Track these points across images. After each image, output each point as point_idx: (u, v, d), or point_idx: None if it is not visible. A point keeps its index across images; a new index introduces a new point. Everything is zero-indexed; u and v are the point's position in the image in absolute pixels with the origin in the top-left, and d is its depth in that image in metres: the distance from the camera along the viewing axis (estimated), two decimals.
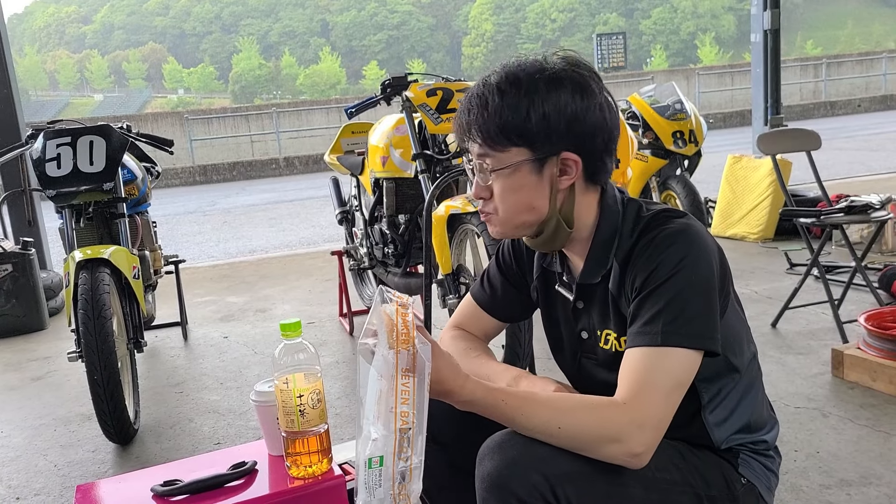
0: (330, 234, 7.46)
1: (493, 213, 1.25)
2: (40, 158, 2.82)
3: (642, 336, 1.14)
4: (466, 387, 1.12)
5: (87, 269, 2.58)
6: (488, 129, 1.18)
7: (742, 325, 1.29)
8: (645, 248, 1.19)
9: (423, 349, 1.07)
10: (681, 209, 1.31)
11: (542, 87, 1.17)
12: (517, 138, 1.18)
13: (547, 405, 1.12)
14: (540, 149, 1.19)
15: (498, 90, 1.18)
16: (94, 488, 1.38)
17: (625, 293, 1.22)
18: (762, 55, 6.38)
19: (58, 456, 2.67)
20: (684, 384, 1.14)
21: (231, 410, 2.95)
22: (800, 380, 2.76)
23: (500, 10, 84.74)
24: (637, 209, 1.27)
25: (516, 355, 2.65)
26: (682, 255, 1.15)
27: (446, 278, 2.88)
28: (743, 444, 1.28)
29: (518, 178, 1.20)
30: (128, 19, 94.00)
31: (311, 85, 71.48)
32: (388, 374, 1.05)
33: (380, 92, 3.17)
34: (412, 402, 1.05)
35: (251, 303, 4.67)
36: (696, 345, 1.13)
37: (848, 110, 19.43)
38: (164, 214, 10.19)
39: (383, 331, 1.07)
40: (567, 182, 1.22)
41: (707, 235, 1.20)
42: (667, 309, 1.13)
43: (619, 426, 1.09)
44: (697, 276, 1.15)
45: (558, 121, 1.17)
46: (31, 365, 3.79)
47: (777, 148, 3.46)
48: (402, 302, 1.10)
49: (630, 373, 1.13)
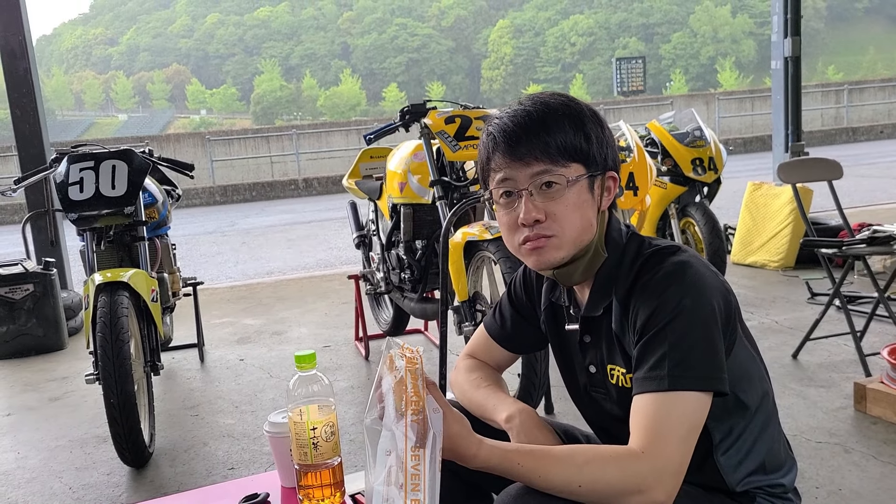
0: (347, 257, 7.48)
1: (554, 236, 1.21)
2: (63, 182, 2.85)
3: (649, 381, 1.13)
4: (480, 454, 1.11)
5: (106, 292, 2.60)
6: (551, 145, 1.19)
7: (752, 362, 1.26)
8: (644, 289, 1.18)
9: (435, 418, 1.05)
10: (699, 236, 1.30)
11: (588, 112, 1.24)
12: (577, 155, 1.21)
13: (564, 462, 1.10)
14: (593, 166, 1.22)
15: (553, 111, 1.21)
16: None
17: (627, 332, 1.21)
18: (783, 82, 6.35)
19: (73, 478, 2.68)
20: (697, 427, 1.12)
21: (245, 435, 2.94)
22: (821, 413, 2.71)
23: (520, 33, 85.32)
24: (639, 244, 1.26)
25: (532, 384, 2.63)
26: (681, 296, 1.14)
27: (462, 305, 2.88)
28: (759, 486, 1.25)
29: (580, 195, 1.21)
30: (153, 41, 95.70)
31: (332, 106, 72.17)
32: (398, 451, 1.03)
33: (398, 118, 3.19)
34: (423, 486, 1.02)
35: (268, 325, 4.68)
36: (704, 387, 1.11)
37: (870, 136, 19.27)
38: (183, 234, 10.28)
39: (391, 398, 1.05)
40: (607, 202, 1.26)
41: (707, 272, 1.19)
42: (671, 353, 1.12)
43: (640, 477, 1.07)
44: (698, 317, 1.14)
45: (604, 142, 1.24)
46: (49, 385, 3.81)
47: (798, 177, 3.43)
48: (412, 357, 1.07)
49: (643, 420, 1.11)
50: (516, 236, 1.24)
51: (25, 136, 5.25)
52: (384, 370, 1.10)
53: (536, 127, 1.20)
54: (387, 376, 1.08)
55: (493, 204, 1.28)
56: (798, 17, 6.17)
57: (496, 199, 1.26)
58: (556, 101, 1.23)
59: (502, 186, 1.23)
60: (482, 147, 1.27)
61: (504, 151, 1.21)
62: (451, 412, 1.11)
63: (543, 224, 1.21)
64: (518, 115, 1.22)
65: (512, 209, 1.23)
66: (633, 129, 4.30)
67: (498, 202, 1.26)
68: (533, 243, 1.22)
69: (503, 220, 1.26)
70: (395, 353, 1.10)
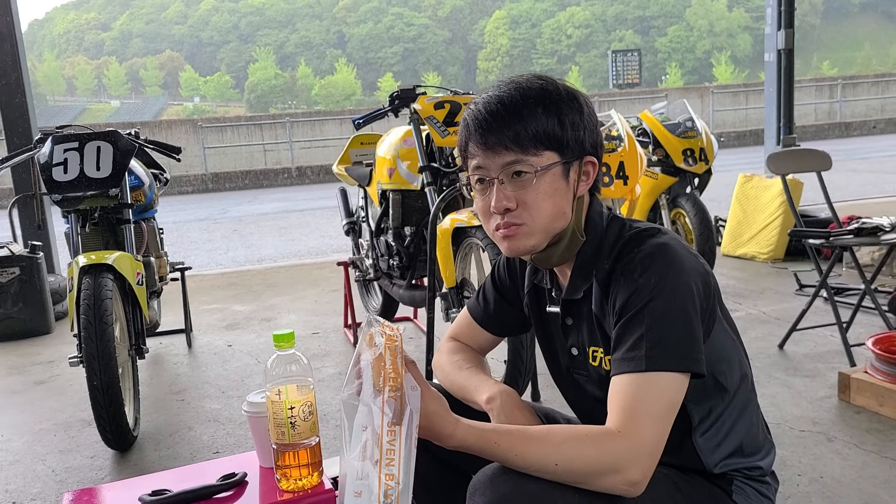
0: (339, 245, 7.46)
1: (524, 224, 1.21)
2: (47, 163, 2.83)
3: (626, 363, 1.12)
4: (457, 433, 1.11)
5: (90, 274, 2.58)
6: (521, 134, 1.18)
7: (732, 344, 1.26)
8: (623, 271, 1.18)
9: (413, 396, 1.05)
10: (689, 227, 1.29)
11: (566, 96, 1.21)
12: (550, 142, 1.19)
13: (541, 441, 1.10)
14: (568, 153, 1.21)
15: (530, 98, 1.19)
16: (83, 496, 1.37)
17: (607, 314, 1.21)
18: (776, 75, 6.35)
19: (56, 461, 2.66)
20: (674, 408, 1.12)
21: (231, 420, 2.93)
22: (806, 403, 2.72)
23: (517, 25, 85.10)
24: (620, 227, 1.26)
25: (518, 371, 2.63)
26: (659, 278, 1.14)
27: (450, 291, 2.87)
28: (737, 469, 1.25)
29: (552, 183, 1.20)
30: (146, 27, 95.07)
31: (326, 96, 71.91)
32: (374, 427, 1.03)
33: (388, 104, 3.18)
34: (398, 462, 1.02)
35: (257, 312, 4.67)
36: (681, 367, 1.11)
37: (863, 132, 19.33)
38: (174, 221, 10.24)
39: (370, 373, 1.05)
40: (585, 187, 1.25)
41: (686, 254, 1.18)
42: (648, 334, 1.12)
43: (616, 456, 1.07)
44: (676, 298, 1.13)
45: (581, 126, 1.22)
46: (34, 369, 3.79)
47: (787, 168, 3.43)
48: (391, 335, 1.07)
49: (619, 400, 1.11)
50: (490, 222, 1.25)
51: (13, 120, 5.21)
52: (363, 346, 1.09)
53: (508, 115, 1.19)
54: (366, 352, 1.08)
55: (471, 190, 1.28)
56: (792, 9, 6.17)
57: (472, 184, 1.26)
58: (531, 85, 1.21)
59: (476, 173, 1.24)
60: (460, 133, 1.27)
61: (477, 140, 1.21)
62: (429, 390, 1.11)
63: (514, 212, 1.21)
64: (491, 103, 1.20)
65: (485, 195, 1.24)
66: (626, 119, 4.29)
67: (474, 188, 1.26)
68: (504, 231, 1.23)
69: (479, 205, 1.26)
70: (375, 330, 1.09)
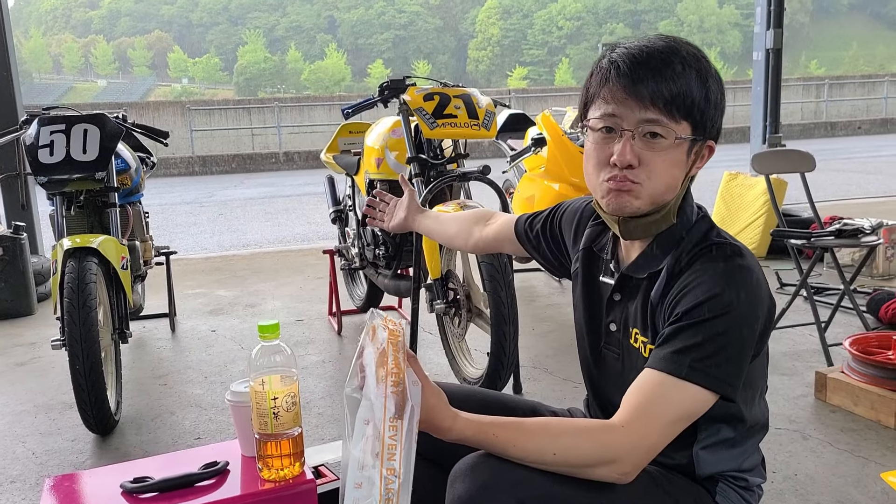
0: (325, 232, 7.45)
1: (639, 185, 1.16)
2: (33, 145, 2.81)
3: (667, 362, 1.11)
4: (456, 427, 1.12)
5: (74, 257, 2.57)
6: (672, 95, 1.13)
7: (762, 380, 1.26)
8: (702, 274, 1.15)
9: (414, 390, 1.06)
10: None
11: (714, 72, 1.17)
12: (692, 113, 1.15)
13: (539, 433, 1.11)
14: (700, 131, 1.17)
15: (687, 62, 1.14)
16: (64, 481, 1.37)
17: (664, 307, 1.19)
18: (763, 74, 6.39)
19: (36, 444, 2.66)
20: (688, 420, 1.13)
21: (213, 405, 2.94)
22: (782, 401, 2.76)
23: (508, 14, 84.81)
24: (708, 228, 1.23)
25: (501, 364, 2.65)
26: (736, 300, 1.12)
27: (435, 283, 2.88)
28: (723, 472, 1.26)
29: (678, 154, 1.17)
30: (135, 6, 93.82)
31: (316, 81, 71.44)
32: (375, 421, 1.04)
33: (377, 93, 3.17)
34: (399, 456, 1.04)
35: (241, 297, 4.66)
36: (716, 387, 1.11)
37: (848, 132, 19.47)
38: (160, 204, 10.17)
39: (372, 368, 1.06)
40: (697, 169, 1.22)
41: (764, 284, 1.17)
42: (702, 345, 1.10)
43: (615, 450, 1.09)
44: (742, 325, 1.12)
45: (717, 107, 1.18)
46: (16, 350, 3.78)
47: (771, 168, 3.47)
48: (394, 329, 1.08)
49: (638, 395, 1.12)
50: (602, 173, 1.19)
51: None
52: (366, 341, 1.10)
53: (665, 69, 1.12)
54: (369, 347, 1.09)
55: (587, 131, 1.22)
56: (781, 9, 6.21)
57: (593, 129, 1.20)
58: (688, 50, 1.16)
59: (606, 121, 1.17)
60: (597, 72, 1.19)
61: (623, 84, 1.14)
62: (430, 385, 1.12)
63: (634, 170, 1.16)
64: (650, 50, 1.14)
65: (607, 145, 1.17)
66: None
67: (594, 133, 1.20)
68: (617, 184, 1.17)
69: (592, 154, 1.20)
70: (378, 324, 1.10)
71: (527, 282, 4.70)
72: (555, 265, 1.52)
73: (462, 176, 2.93)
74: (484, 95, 3.12)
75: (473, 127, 2.93)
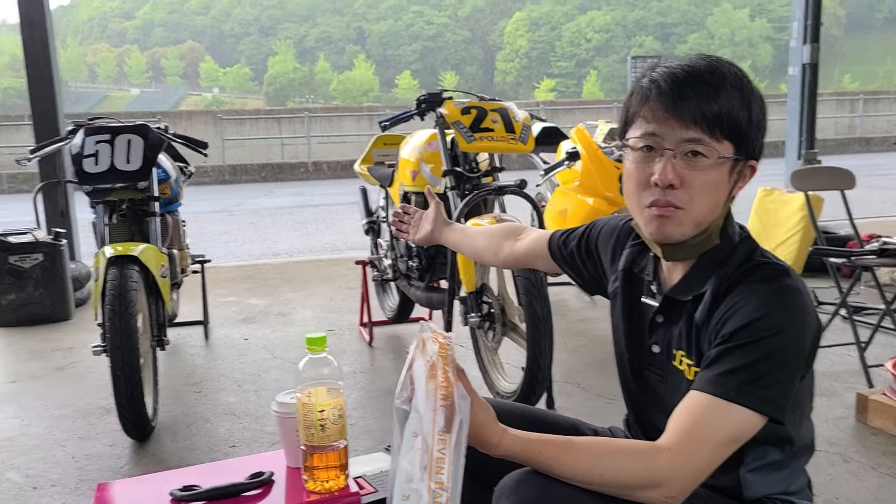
0: (354, 242, 7.49)
1: (683, 209, 1.16)
2: (79, 154, 2.87)
3: (714, 385, 1.10)
4: (503, 443, 1.11)
5: (116, 265, 2.62)
6: (715, 115, 1.13)
7: (809, 400, 1.25)
8: (748, 295, 1.14)
9: (463, 405, 1.06)
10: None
11: (756, 92, 1.18)
12: (734, 132, 1.15)
13: (586, 452, 1.11)
14: (742, 150, 1.17)
15: (730, 82, 1.15)
16: (114, 487, 1.39)
17: (709, 329, 1.18)
18: (799, 89, 6.33)
19: (76, 448, 2.70)
20: (737, 443, 1.11)
21: (248, 414, 2.96)
22: (822, 422, 2.72)
23: (536, 27, 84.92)
24: (752, 249, 1.22)
25: (536, 379, 2.64)
26: (785, 321, 1.11)
27: (469, 296, 2.89)
28: (770, 495, 1.24)
29: (720, 174, 1.16)
30: (169, 17, 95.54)
31: (344, 91, 72.03)
32: (424, 434, 1.05)
33: (414, 106, 3.19)
34: (447, 470, 1.04)
35: (272, 306, 4.70)
36: (765, 410, 1.10)
37: (884, 147, 19.15)
38: (192, 212, 10.25)
39: (422, 381, 1.06)
40: (738, 190, 1.21)
41: (811, 306, 1.15)
42: (749, 368, 1.09)
43: (663, 473, 1.08)
44: (792, 346, 1.11)
45: (759, 127, 1.18)
46: (54, 354, 3.84)
47: (810, 185, 3.43)
48: (444, 343, 1.09)
49: (686, 418, 1.11)
50: (644, 196, 1.18)
51: (41, 106, 5.27)
52: (417, 353, 1.11)
53: (708, 88, 1.13)
54: (419, 360, 1.10)
55: (627, 151, 1.21)
56: (818, 23, 6.14)
57: (633, 148, 1.19)
58: (730, 70, 1.16)
59: (647, 140, 1.17)
60: (637, 92, 1.19)
61: (665, 104, 1.14)
62: (479, 400, 1.12)
63: (676, 191, 1.15)
64: (692, 69, 1.14)
65: (647, 165, 1.17)
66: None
67: (634, 153, 1.19)
68: (660, 210, 1.17)
69: (633, 174, 1.20)
70: (428, 337, 1.11)
71: (558, 296, 4.68)
72: (589, 283, 1.51)
73: (498, 190, 2.94)
74: (521, 109, 3.12)
75: (511, 141, 2.94)
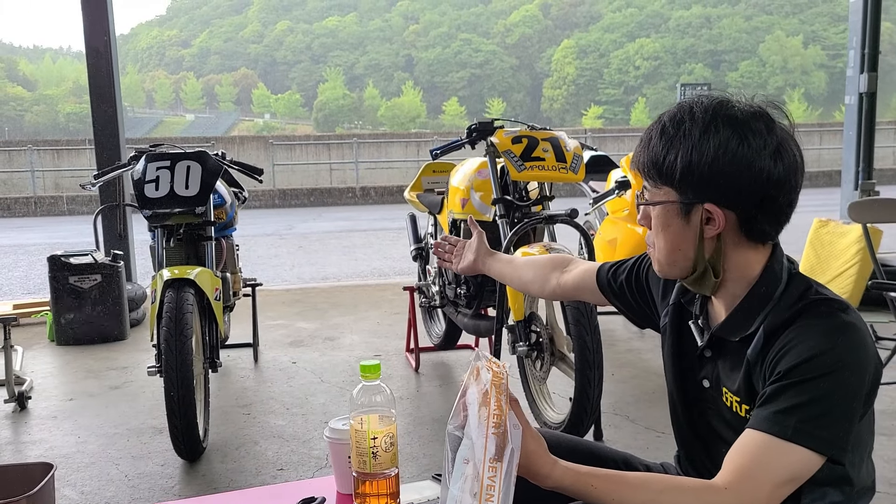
0: (401, 267, 7.54)
1: (652, 248, 1.26)
2: (140, 179, 2.97)
3: (771, 424, 1.08)
4: (554, 474, 1.11)
5: (173, 288, 2.69)
6: (644, 164, 1.22)
7: (869, 439, 1.22)
8: (805, 331, 1.12)
9: (515, 434, 1.06)
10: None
11: (696, 133, 1.14)
12: (663, 179, 1.19)
13: (640, 488, 1.10)
14: (684, 195, 1.18)
15: (660, 128, 1.20)
16: None
17: (763, 367, 1.16)
18: (856, 118, 6.20)
19: (129, 466, 2.76)
20: (795, 483, 1.09)
21: (295, 437, 2.99)
22: (882, 462, 2.62)
23: (584, 54, 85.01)
24: (805, 287, 1.19)
25: (584, 410, 2.62)
26: (843, 357, 1.09)
27: (517, 325, 2.88)
28: None
29: (666, 218, 1.21)
30: (224, 45, 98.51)
31: (392, 117, 73.00)
32: (475, 461, 1.05)
33: (465, 135, 3.23)
34: (497, 498, 1.03)
35: (321, 330, 4.75)
36: (824, 450, 1.07)
37: None
38: (242, 235, 10.44)
39: (475, 408, 1.07)
40: (712, 232, 1.18)
41: (870, 342, 1.13)
42: (808, 405, 1.08)
43: None
44: (850, 384, 1.09)
45: (701, 171, 1.14)
46: (110, 374, 3.94)
47: (869, 217, 3.35)
48: (498, 371, 1.09)
49: (742, 456, 1.09)
50: None
51: (103, 132, 5.47)
52: (470, 381, 1.12)
53: (649, 138, 1.21)
54: (472, 387, 1.10)
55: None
56: (876, 52, 6.03)
57: None
58: (671, 110, 1.22)
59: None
60: None
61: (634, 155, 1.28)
62: (530, 430, 1.11)
63: (650, 234, 1.26)
64: (652, 126, 1.23)
65: None
66: None
67: None
68: (648, 248, 1.29)
69: None
70: (483, 365, 1.11)
71: (606, 325, 4.61)
72: (640, 316, 1.50)
73: (549, 218, 2.94)
74: (571, 139, 3.13)
75: (561, 170, 2.94)
